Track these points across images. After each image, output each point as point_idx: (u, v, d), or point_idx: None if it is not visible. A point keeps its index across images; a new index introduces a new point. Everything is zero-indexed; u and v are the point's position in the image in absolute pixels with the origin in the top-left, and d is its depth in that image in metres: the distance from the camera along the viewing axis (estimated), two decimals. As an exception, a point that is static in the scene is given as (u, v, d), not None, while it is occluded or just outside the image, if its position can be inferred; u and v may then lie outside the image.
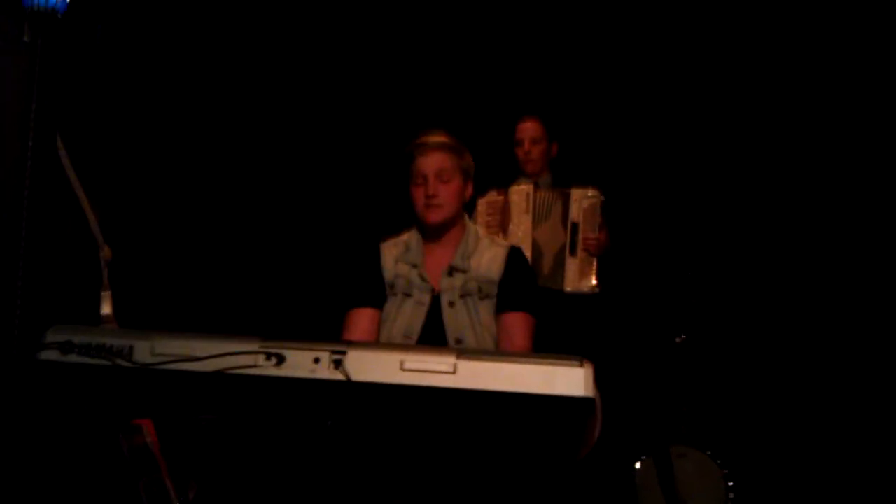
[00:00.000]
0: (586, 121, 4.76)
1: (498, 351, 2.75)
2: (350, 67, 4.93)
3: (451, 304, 2.85)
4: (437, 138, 2.88)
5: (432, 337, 2.81)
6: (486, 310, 2.84)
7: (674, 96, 4.75)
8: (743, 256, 4.61)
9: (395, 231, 3.06)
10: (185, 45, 4.49)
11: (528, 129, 4.27)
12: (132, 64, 4.08)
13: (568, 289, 4.12)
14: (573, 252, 4.13)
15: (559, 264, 4.14)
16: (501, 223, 4.12)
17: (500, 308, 2.85)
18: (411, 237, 2.98)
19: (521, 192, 4.15)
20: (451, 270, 2.88)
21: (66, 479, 2.59)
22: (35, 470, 2.58)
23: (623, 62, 4.81)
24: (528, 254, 4.02)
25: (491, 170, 4.21)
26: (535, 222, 4.14)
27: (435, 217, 2.86)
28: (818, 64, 4.53)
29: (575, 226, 4.14)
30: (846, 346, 4.34)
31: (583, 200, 4.15)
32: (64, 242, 3.39)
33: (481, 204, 4.18)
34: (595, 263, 4.16)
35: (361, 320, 2.86)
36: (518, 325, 2.82)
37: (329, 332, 2.99)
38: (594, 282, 4.15)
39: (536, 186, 4.21)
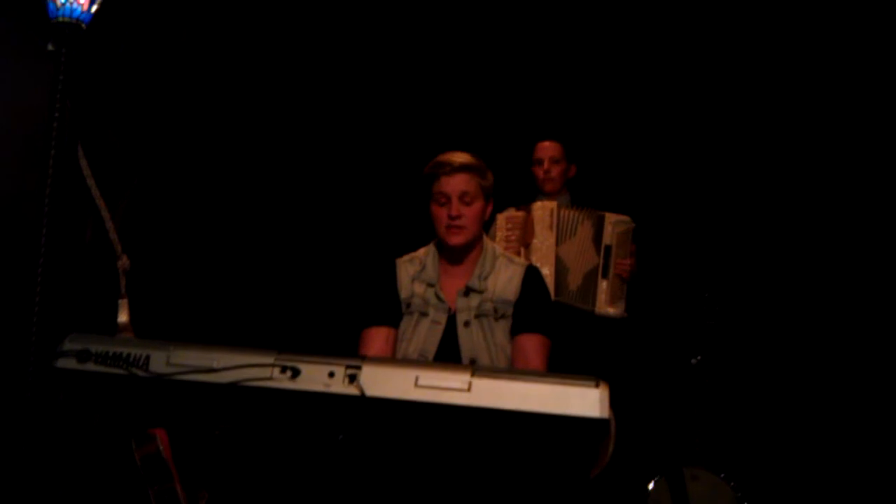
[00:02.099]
0: (603, 145, 4.76)
1: (513, 369, 2.74)
2: (369, 86, 4.95)
3: (467, 325, 2.84)
4: (462, 159, 2.85)
5: (448, 357, 2.79)
6: (501, 330, 2.83)
7: (688, 122, 4.75)
8: (759, 278, 4.59)
9: (412, 248, 3.05)
10: (208, 61, 4.52)
11: (548, 148, 4.27)
12: (155, 75, 4.11)
13: (599, 311, 4.10)
14: (605, 275, 4.12)
15: (589, 285, 4.11)
16: (521, 238, 4.11)
17: (516, 329, 2.83)
18: (427, 255, 2.97)
19: (544, 209, 4.14)
20: (468, 291, 2.88)
21: (80, 485, 2.60)
22: (50, 476, 2.59)
23: (640, 87, 4.81)
24: (551, 269, 4.02)
25: (507, 188, 4.22)
26: (559, 239, 4.12)
27: (457, 240, 2.84)
28: (833, 97, 4.51)
29: (608, 249, 4.13)
30: (861, 370, 4.31)
31: (617, 225, 4.13)
32: (83, 251, 3.41)
33: (500, 219, 4.16)
34: (625, 289, 4.14)
35: (377, 339, 2.84)
36: (533, 346, 2.80)
37: (345, 348, 2.97)
38: (623, 307, 4.13)
39: (558, 205, 4.20)
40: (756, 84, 4.65)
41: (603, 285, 4.11)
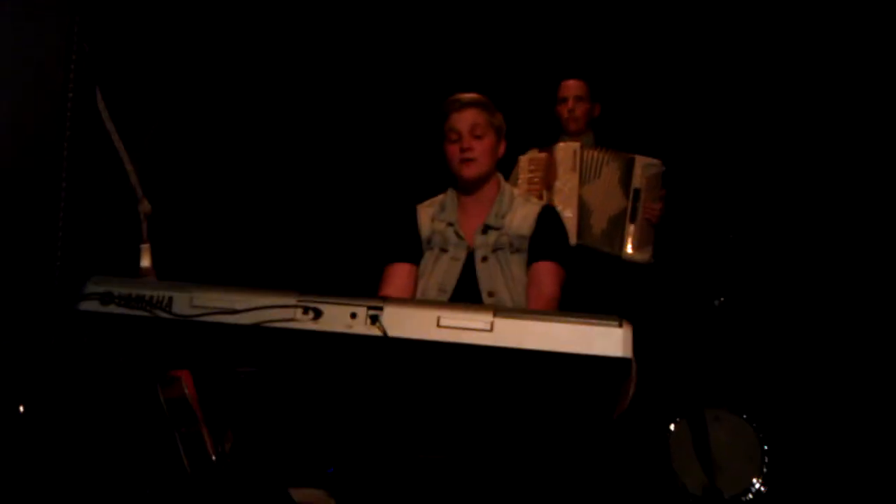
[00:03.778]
0: (628, 83, 4.69)
1: (535, 310, 2.75)
2: (392, 24, 4.90)
3: (484, 259, 2.93)
4: (469, 96, 2.97)
5: (466, 290, 2.89)
6: (517, 263, 2.92)
7: (713, 60, 4.66)
8: (782, 218, 4.54)
9: (431, 195, 3.16)
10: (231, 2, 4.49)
11: (573, 87, 4.21)
12: (173, 16, 4.07)
13: (626, 256, 4.06)
14: (634, 219, 4.07)
15: (616, 228, 4.05)
16: (544, 180, 4.06)
17: (531, 259, 2.92)
18: (446, 197, 3.08)
19: (567, 149, 4.08)
20: (486, 229, 2.97)
21: (103, 429, 2.62)
22: (73, 420, 2.62)
23: (666, 23, 4.72)
24: (574, 210, 3.99)
25: (531, 129, 4.17)
26: (583, 180, 4.06)
27: (470, 172, 2.94)
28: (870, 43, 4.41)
29: (637, 192, 4.08)
30: (884, 312, 4.28)
31: (647, 168, 4.07)
32: (103, 196, 3.41)
33: (523, 161, 4.11)
34: (653, 234, 4.10)
35: (399, 275, 2.95)
36: (547, 273, 2.89)
37: (367, 289, 3.02)
38: (651, 252, 4.09)
39: (582, 145, 4.14)
40: (794, 20, 4.55)
41: (631, 229, 4.07)
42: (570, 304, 2.90)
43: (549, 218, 3.00)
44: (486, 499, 2.08)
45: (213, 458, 2.60)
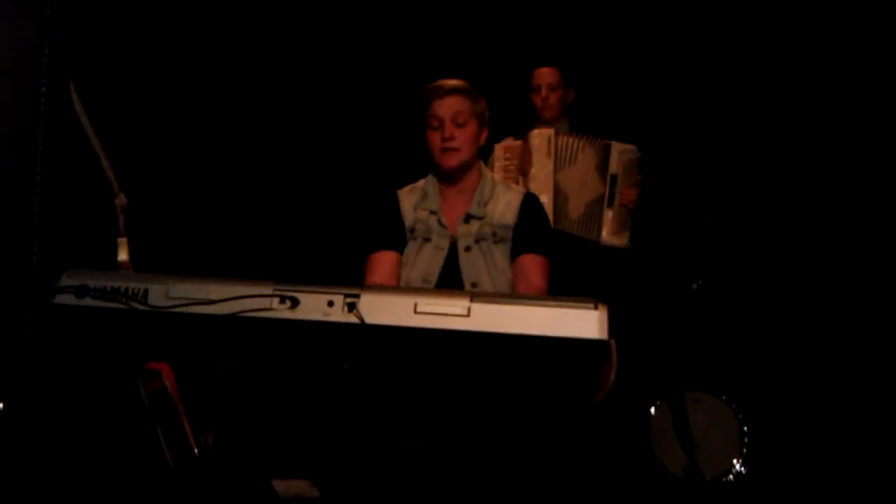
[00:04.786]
0: (601, 69, 4.69)
1: (512, 294, 2.77)
2: (369, 11, 4.88)
3: (468, 249, 2.89)
4: (452, 82, 2.92)
5: (450, 280, 2.85)
6: (500, 253, 2.89)
7: (687, 43, 4.67)
8: (760, 200, 4.57)
9: (408, 181, 3.10)
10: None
11: (546, 75, 4.22)
12: (146, 7, 4.05)
13: (604, 241, 4.08)
14: (611, 204, 4.09)
15: (593, 214, 4.06)
16: (520, 167, 4.07)
17: (516, 251, 2.89)
18: (427, 184, 3.03)
19: (542, 136, 4.08)
20: (468, 218, 2.93)
21: (83, 424, 2.61)
22: (50, 414, 2.61)
23: (639, 7, 4.73)
24: (549, 196, 3.99)
25: (506, 117, 4.17)
26: (558, 166, 4.07)
27: (451, 162, 2.90)
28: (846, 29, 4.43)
29: (614, 178, 4.09)
30: (863, 293, 4.31)
31: (623, 154, 4.08)
32: (79, 190, 3.39)
33: (498, 149, 4.12)
34: (630, 219, 4.12)
35: (383, 263, 2.91)
36: (534, 266, 2.86)
37: (344, 278, 3.00)
38: (628, 237, 4.11)
39: (556, 132, 4.15)
40: (770, 5, 4.56)
41: (609, 215, 4.08)
42: (549, 290, 2.90)
43: (531, 207, 2.97)
44: (468, 485, 2.09)
45: (196, 450, 2.60)
